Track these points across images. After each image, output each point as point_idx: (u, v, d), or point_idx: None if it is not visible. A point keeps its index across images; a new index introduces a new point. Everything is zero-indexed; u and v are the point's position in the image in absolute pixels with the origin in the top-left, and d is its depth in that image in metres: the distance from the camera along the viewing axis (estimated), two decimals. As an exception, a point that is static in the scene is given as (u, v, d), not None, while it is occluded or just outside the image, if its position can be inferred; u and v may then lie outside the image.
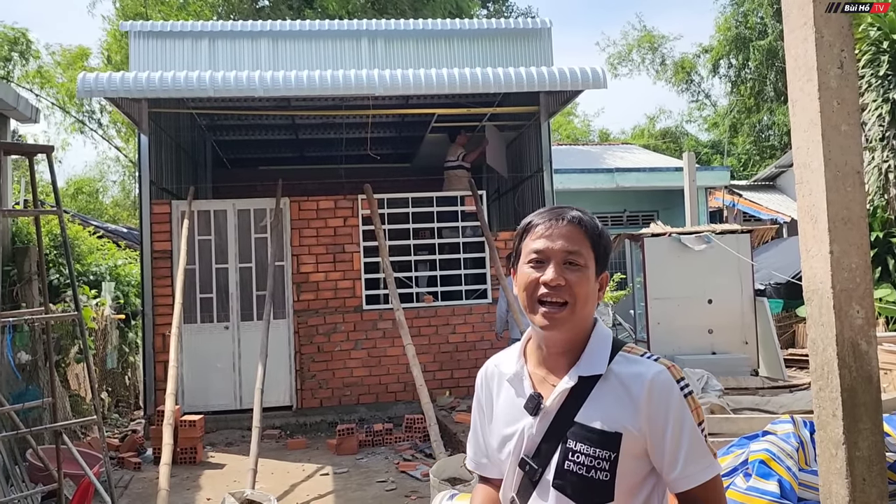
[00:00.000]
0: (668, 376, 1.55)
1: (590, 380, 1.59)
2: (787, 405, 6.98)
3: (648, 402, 1.53)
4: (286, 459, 7.33)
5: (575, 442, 1.56)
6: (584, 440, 1.55)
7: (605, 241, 1.65)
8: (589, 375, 1.59)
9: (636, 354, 1.62)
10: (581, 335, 1.63)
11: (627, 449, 1.53)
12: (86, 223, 12.17)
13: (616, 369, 1.58)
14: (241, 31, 9.76)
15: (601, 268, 1.65)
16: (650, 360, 1.59)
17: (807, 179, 2.71)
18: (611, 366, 1.59)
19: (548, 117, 9.69)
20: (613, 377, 1.58)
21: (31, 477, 5.47)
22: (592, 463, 1.54)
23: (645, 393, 1.53)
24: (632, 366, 1.58)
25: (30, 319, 4.47)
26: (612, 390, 1.57)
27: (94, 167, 28.98)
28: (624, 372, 1.58)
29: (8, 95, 7.07)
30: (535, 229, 1.64)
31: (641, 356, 1.61)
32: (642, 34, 29.91)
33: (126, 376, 10.12)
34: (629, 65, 30.47)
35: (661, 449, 1.54)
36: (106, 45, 21.62)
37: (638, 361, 1.59)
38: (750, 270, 9.38)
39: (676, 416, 1.53)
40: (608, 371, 1.58)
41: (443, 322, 9.17)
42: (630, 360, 1.60)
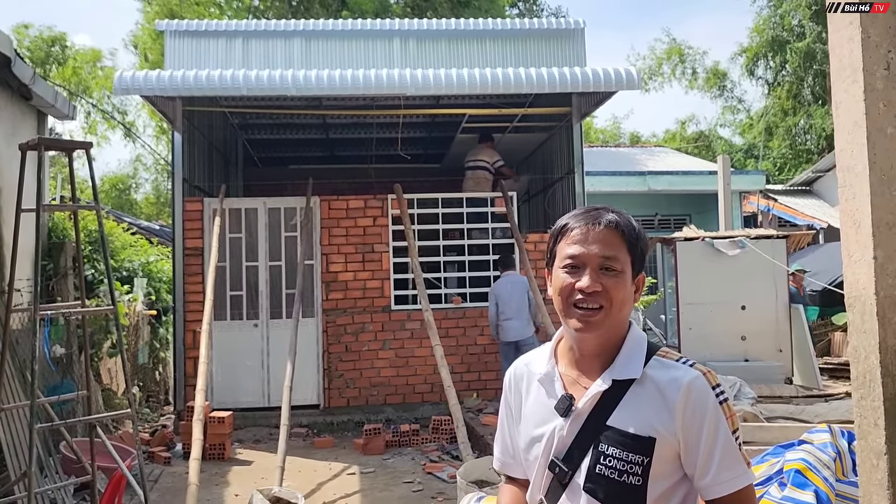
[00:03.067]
0: (703, 382, 1.53)
1: (624, 383, 1.56)
2: (822, 415, 6.83)
3: (684, 407, 1.51)
4: (313, 458, 7.36)
5: (607, 445, 1.54)
6: (616, 444, 1.53)
7: (642, 243, 1.62)
8: (623, 379, 1.56)
9: (671, 359, 1.59)
10: (615, 338, 1.61)
11: (661, 454, 1.51)
12: (119, 219, 12.36)
13: (651, 373, 1.56)
14: (275, 30, 9.82)
15: (637, 270, 1.62)
16: (686, 365, 1.56)
17: (850, 183, 2.63)
18: (645, 369, 1.56)
19: (580, 118, 9.62)
20: (648, 381, 1.55)
21: (65, 469, 5.55)
22: (625, 467, 1.52)
23: (681, 398, 1.51)
24: (667, 370, 1.55)
25: (67, 313, 4.53)
26: (647, 394, 1.54)
27: (129, 164, 29.47)
28: (659, 376, 1.55)
29: (47, 93, 7.20)
30: (571, 233, 1.61)
31: (677, 361, 1.58)
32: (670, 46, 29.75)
33: (156, 372, 10.26)
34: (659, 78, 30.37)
35: (695, 455, 1.51)
36: (141, 43, 21.94)
37: (674, 366, 1.56)
38: (785, 276, 9.21)
39: (711, 423, 1.50)
40: (643, 375, 1.56)
41: (471, 324, 9.14)
42: (665, 365, 1.57)
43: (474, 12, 19.38)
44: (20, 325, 5.97)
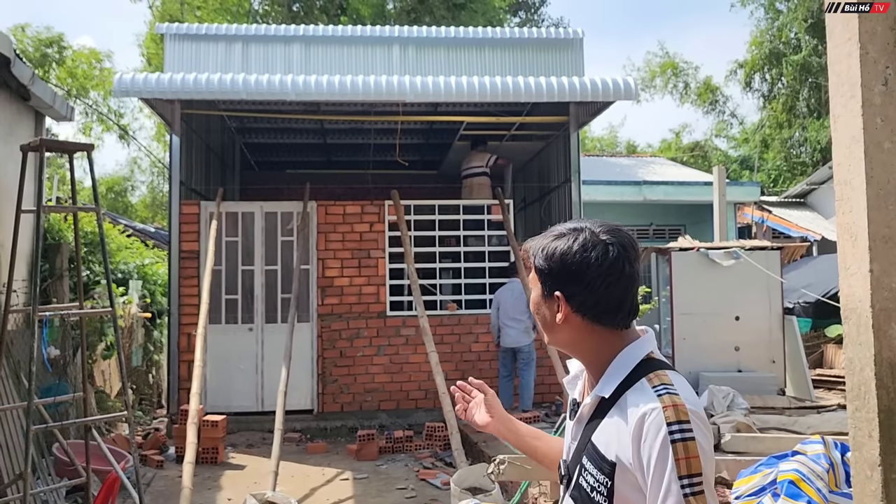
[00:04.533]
0: (658, 416, 1.42)
1: (606, 401, 1.54)
2: (815, 426, 6.86)
3: (636, 439, 1.44)
4: (306, 463, 7.34)
5: (587, 459, 1.54)
6: (592, 460, 1.53)
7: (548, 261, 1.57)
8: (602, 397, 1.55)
9: (652, 384, 1.49)
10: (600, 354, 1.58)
11: (623, 479, 1.47)
12: (115, 221, 12.34)
13: (628, 397, 1.50)
14: (275, 35, 9.85)
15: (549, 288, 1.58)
16: (655, 394, 1.46)
17: (847, 196, 2.66)
18: (627, 392, 1.51)
19: (577, 128, 9.66)
20: (623, 404, 1.50)
21: (58, 471, 5.53)
22: (595, 485, 1.51)
23: (634, 429, 1.44)
24: (637, 396, 1.48)
25: (66, 314, 4.52)
26: (618, 417, 1.50)
27: (125, 166, 29.45)
28: (630, 401, 1.49)
29: (45, 94, 7.20)
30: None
31: (655, 387, 1.48)
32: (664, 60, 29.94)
33: (150, 375, 10.22)
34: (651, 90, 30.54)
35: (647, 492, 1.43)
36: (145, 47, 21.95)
37: (644, 392, 1.48)
38: (779, 288, 9.25)
39: (657, 461, 1.40)
40: (624, 397, 1.51)
41: (466, 331, 9.15)
42: (641, 390, 1.49)
43: (470, 14, 19.46)
44: (14, 326, 5.95)
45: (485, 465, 5.59)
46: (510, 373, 8.54)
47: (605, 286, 1.53)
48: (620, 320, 1.56)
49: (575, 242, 1.55)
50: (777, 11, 25.45)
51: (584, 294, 1.54)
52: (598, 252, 1.53)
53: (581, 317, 1.55)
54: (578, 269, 1.53)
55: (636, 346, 1.58)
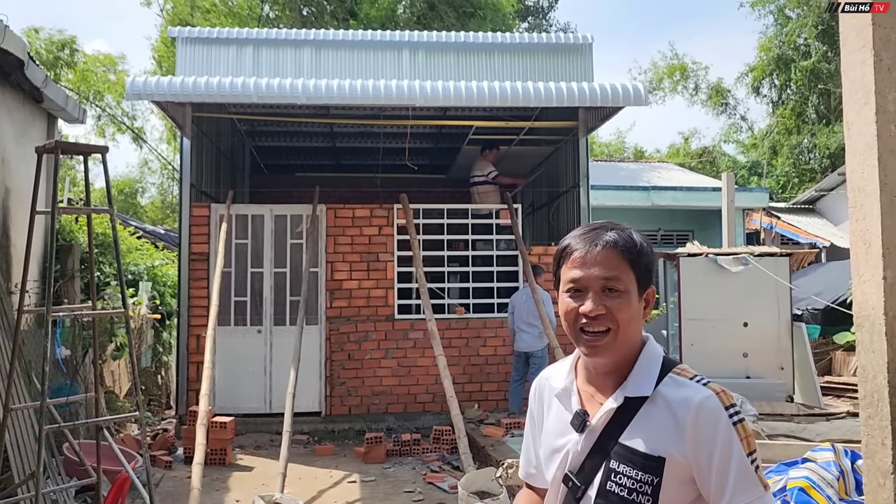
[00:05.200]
0: (715, 402, 1.49)
1: (636, 400, 1.55)
2: (823, 434, 6.84)
3: (694, 427, 1.48)
4: (314, 465, 7.36)
5: (618, 463, 1.53)
6: (626, 462, 1.52)
7: (646, 258, 1.59)
8: (635, 396, 1.56)
9: (685, 377, 1.56)
10: (628, 355, 1.60)
11: (671, 474, 1.49)
12: (126, 223, 12.40)
13: (663, 391, 1.54)
14: (285, 39, 9.89)
15: (644, 286, 1.60)
16: (699, 384, 1.54)
17: (861, 203, 2.67)
18: (658, 387, 1.55)
19: (586, 133, 9.67)
20: (661, 399, 1.54)
21: (67, 471, 5.56)
22: (635, 486, 1.50)
23: (691, 418, 1.49)
24: (679, 389, 1.53)
25: (80, 314, 4.56)
26: (658, 413, 1.53)
27: (136, 168, 29.60)
28: (671, 395, 1.53)
29: (58, 97, 7.26)
30: (572, 256, 1.60)
31: (691, 379, 1.55)
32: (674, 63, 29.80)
33: (158, 376, 10.26)
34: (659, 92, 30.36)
35: (708, 477, 1.49)
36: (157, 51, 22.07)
37: (686, 385, 1.54)
38: (788, 294, 9.23)
39: (723, 444, 1.47)
40: (655, 393, 1.54)
41: (474, 334, 9.16)
42: (678, 383, 1.55)
43: (479, 22, 19.49)
44: (26, 327, 5.99)
45: (492, 470, 5.59)
46: (522, 377, 8.54)
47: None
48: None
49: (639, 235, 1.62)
50: (786, 17, 25.40)
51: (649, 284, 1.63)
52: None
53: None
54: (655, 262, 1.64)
55: (652, 345, 1.62)
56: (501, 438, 7.51)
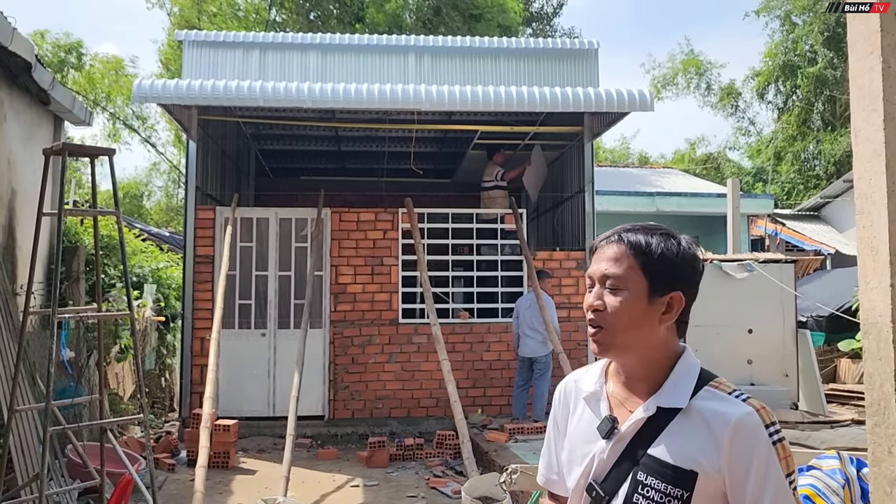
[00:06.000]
0: (756, 419, 1.44)
1: (669, 411, 1.50)
2: (828, 441, 6.81)
3: (731, 444, 1.43)
4: (317, 469, 7.35)
5: (646, 475, 1.48)
6: (656, 474, 1.47)
7: (661, 258, 1.52)
8: (669, 407, 1.50)
9: (724, 391, 1.50)
10: (658, 361, 1.54)
11: (702, 489, 1.44)
12: (131, 225, 12.43)
13: (699, 404, 1.48)
14: (291, 43, 9.92)
15: (660, 288, 1.52)
16: (738, 399, 1.47)
17: (868, 210, 2.65)
18: (693, 400, 1.49)
19: (591, 138, 9.67)
20: (696, 412, 1.48)
21: (70, 472, 5.56)
22: (663, 500, 1.45)
23: (728, 434, 1.43)
24: (717, 403, 1.47)
25: (85, 316, 4.57)
26: (693, 426, 1.47)
27: (144, 172, 29.66)
28: (708, 408, 1.47)
29: (65, 99, 7.28)
30: (595, 251, 1.60)
31: (730, 393, 1.49)
32: (689, 58, 29.50)
33: (162, 378, 10.27)
34: (674, 88, 30.00)
35: (742, 496, 1.43)
36: (164, 54, 22.16)
37: (724, 399, 1.48)
38: (793, 301, 9.20)
39: (762, 463, 1.42)
40: (690, 405, 1.49)
41: (477, 339, 9.15)
42: (716, 397, 1.49)
43: (486, 24, 19.51)
44: (31, 328, 6.00)
45: (496, 475, 5.58)
46: (526, 382, 8.52)
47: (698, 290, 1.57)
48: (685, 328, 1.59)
49: (686, 244, 1.56)
50: (792, 24, 25.39)
51: (692, 297, 1.55)
52: (698, 254, 1.57)
53: (677, 322, 1.55)
54: (699, 268, 1.55)
55: (690, 355, 1.57)
56: (505, 444, 7.49)
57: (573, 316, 9.23)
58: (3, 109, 6.25)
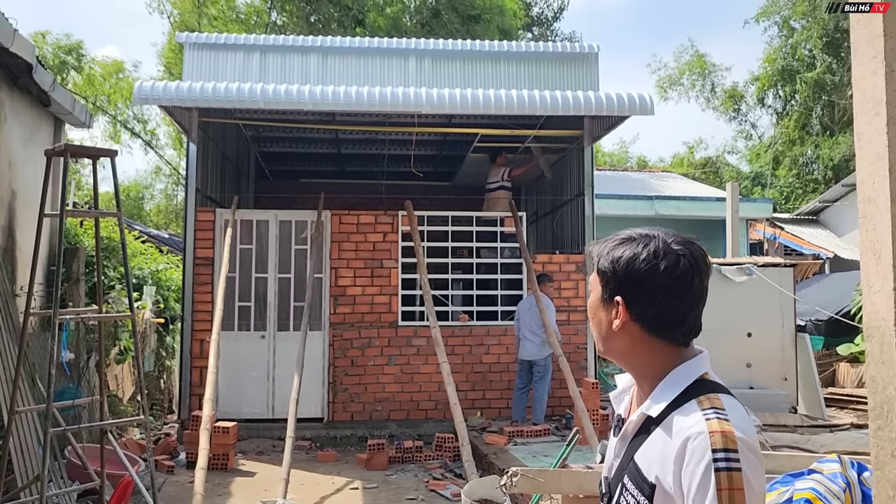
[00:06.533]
0: (704, 441, 1.33)
1: (656, 419, 1.47)
2: (828, 445, 6.81)
3: (676, 461, 1.37)
4: (316, 471, 7.34)
5: (629, 479, 1.48)
6: (633, 480, 1.47)
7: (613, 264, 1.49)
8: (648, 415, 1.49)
9: (702, 406, 1.41)
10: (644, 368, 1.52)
11: (659, 502, 1.41)
12: (130, 227, 12.41)
13: (675, 417, 1.43)
14: (292, 45, 9.93)
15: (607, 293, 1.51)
16: (703, 417, 1.38)
17: (871, 214, 2.66)
18: (675, 411, 1.44)
19: (591, 142, 9.68)
20: (668, 423, 1.44)
21: (70, 474, 5.55)
22: None
23: (677, 451, 1.37)
24: (685, 417, 1.41)
25: (86, 317, 4.56)
26: (661, 437, 1.44)
27: (145, 175, 29.63)
28: (676, 422, 1.42)
29: (65, 100, 7.28)
30: None
31: (704, 409, 1.40)
32: (694, 58, 29.49)
33: (161, 380, 10.25)
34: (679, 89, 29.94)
35: None
36: (165, 57, 22.15)
37: (692, 414, 1.40)
38: (792, 305, 9.21)
39: (697, 490, 1.32)
40: (669, 416, 1.44)
41: (477, 342, 9.15)
42: (689, 411, 1.42)
43: (485, 25, 19.52)
44: (31, 330, 5.99)
45: (496, 478, 5.57)
46: (526, 385, 8.52)
47: (670, 298, 1.47)
48: (680, 336, 1.50)
49: (645, 249, 1.48)
50: (791, 29, 25.46)
51: (645, 303, 1.47)
52: (669, 262, 1.46)
53: (640, 326, 1.48)
54: (644, 276, 1.46)
55: (691, 364, 1.51)
56: (504, 446, 7.49)
57: (573, 319, 9.24)
58: (4, 111, 6.24)
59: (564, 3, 27.42)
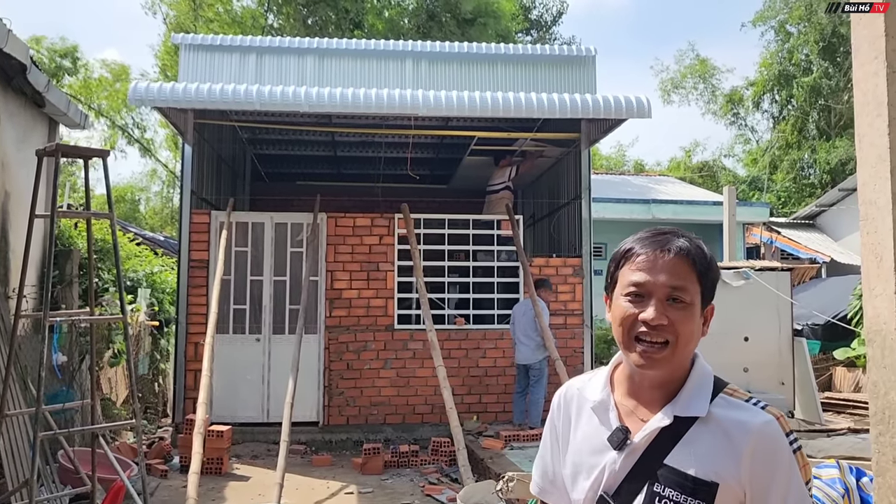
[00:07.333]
0: (776, 428, 1.40)
1: (686, 420, 1.45)
2: (825, 450, 6.79)
3: (753, 454, 1.39)
4: (311, 476, 7.29)
5: (663, 487, 1.42)
6: (674, 486, 1.41)
7: (713, 273, 1.51)
8: (686, 416, 1.45)
9: (739, 398, 1.46)
10: (679, 371, 1.49)
11: (722, 500, 1.40)
12: (125, 229, 12.36)
13: (717, 413, 1.43)
14: (289, 47, 9.89)
15: (707, 301, 1.50)
16: (756, 407, 1.44)
17: (872, 216, 2.63)
18: (710, 408, 1.44)
19: (588, 145, 9.65)
20: (713, 421, 1.43)
21: (62, 478, 5.49)
22: None
23: (750, 444, 1.39)
24: (735, 411, 1.43)
25: (78, 320, 4.51)
26: (711, 435, 1.42)
27: (141, 177, 29.54)
28: (726, 416, 1.43)
29: (60, 101, 7.23)
30: (637, 258, 1.49)
31: (746, 401, 1.45)
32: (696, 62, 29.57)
33: (155, 383, 10.19)
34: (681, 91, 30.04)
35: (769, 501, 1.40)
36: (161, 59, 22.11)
37: (742, 407, 1.44)
38: (789, 309, 9.19)
39: (784, 473, 1.39)
40: (708, 413, 1.44)
41: (473, 346, 9.10)
42: (733, 405, 1.45)
43: (480, 29, 19.51)
44: (23, 332, 5.94)
45: (492, 483, 5.53)
46: (524, 389, 8.49)
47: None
48: None
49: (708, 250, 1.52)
50: (787, 33, 25.51)
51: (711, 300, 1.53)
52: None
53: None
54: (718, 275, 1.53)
55: (702, 363, 1.52)
56: (500, 451, 7.44)
57: (570, 323, 9.20)
58: (-2, 111, 6.19)
59: (564, 7, 27.45)
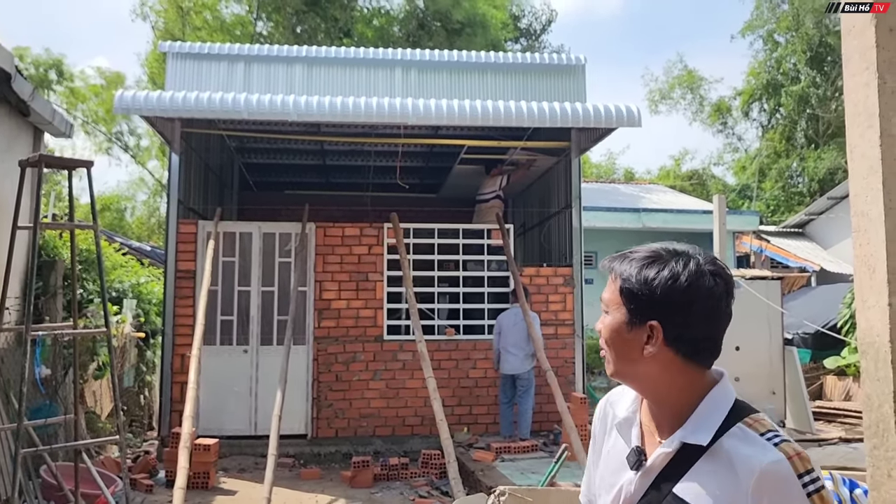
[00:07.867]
0: (786, 468, 1.29)
1: (694, 448, 1.38)
2: (817, 460, 6.72)
3: (757, 494, 1.29)
4: (299, 489, 7.19)
5: None
6: None
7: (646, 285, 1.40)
8: (692, 444, 1.39)
9: (756, 431, 1.36)
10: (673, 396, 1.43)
11: None
12: (111, 239, 12.23)
13: (728, 444, 1.35)
14: (277, 55, 9.84)
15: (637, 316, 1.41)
16: (769, 443, 1.33)
17: (864, 228, 2.60)
18: (723, 438, 1.37)
19: (579, 154, 9.64)
20: (723, 453, 1.35)
21: (45, 494, 5.39)
22: None
23: (753, 482, 1.29)
24: (745, 445, 1.34)
25: (60, 333, 4.43)
26: (719, 468, 1.35)
27: (127, 186, 29.34)
28: (736, 450, 1.34)
29: (45, 110, 7.14)
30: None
31: (762, 434, 1.35)
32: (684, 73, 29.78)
33: (141, 396, 10.06)
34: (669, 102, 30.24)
35: None
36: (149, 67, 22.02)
37: (753, 441, 1.34)
38: (779, 318, 9.18)
39: None
40: (719, 444, 1.36)
41: (463, 356, 9.04)
42: (746, 438, 1.35)
43: (469, 37, 19.55)
44: (5, 345, 5.84)
45: (483, 496, 5.46)
46: (510, 399, 8.43)
47: (708, 320, 1.40)
48: (711, 359, 1.44)
49: (685, 269, 1.39)
50: (776, 43, 25.70)
51: (683, 327, 1.39)
52: (709, 282, 1.39)
53: (674, 351, 1.39)
54: (684, 298, 1.37)
55: (724, 387, 1.44)
56: (491, 463, 7.38)
57: (560, 333, 9.16)
58: (-20, 120, 6.11)
59: (553, 16, 27.56)
